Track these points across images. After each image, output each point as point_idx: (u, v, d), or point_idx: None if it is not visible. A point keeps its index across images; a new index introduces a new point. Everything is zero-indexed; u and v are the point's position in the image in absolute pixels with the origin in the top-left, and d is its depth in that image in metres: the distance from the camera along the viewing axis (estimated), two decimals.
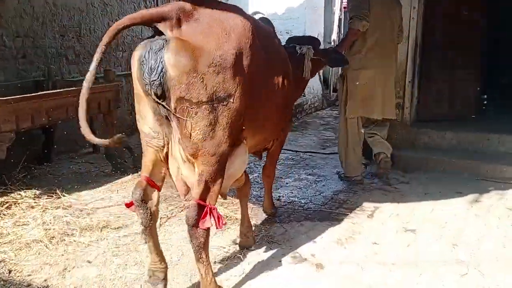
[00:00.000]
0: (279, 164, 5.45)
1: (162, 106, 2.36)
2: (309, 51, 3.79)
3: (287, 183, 5.02)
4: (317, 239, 3.69)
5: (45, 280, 3.05)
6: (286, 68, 3.30)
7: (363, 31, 4.53)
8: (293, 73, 3.49)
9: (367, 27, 4.51)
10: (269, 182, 4.02)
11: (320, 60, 3.99)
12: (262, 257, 3.37)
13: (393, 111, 4.98)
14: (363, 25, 4.48)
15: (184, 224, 2.91)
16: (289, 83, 3.28)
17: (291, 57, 3.53)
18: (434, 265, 3.27)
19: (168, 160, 2.65)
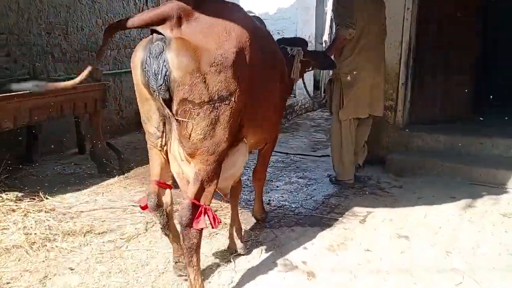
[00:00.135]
0: (270, 167, 5.34)
1: (168, 110, 2.35)
2: (299, 53, 3.75)
3: (277, 187, 4.91)
4: (308, 245, 3.58)
5: None
6: (283, 68, 3.31)
7: (349, 38, 4.54)
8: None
9: (353, 35, 4.52)
10: (260, 185, 3.91)
11: (308, 62, 3.95)
12: (252, 264, 3.26)
13: (380, 109, 4.96)
14: (349, 33, 4.50)
15: None
16: (285, 83, 3.31)
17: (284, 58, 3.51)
18: (428, 273, 3.17)
19: (169, 159, 2.65)
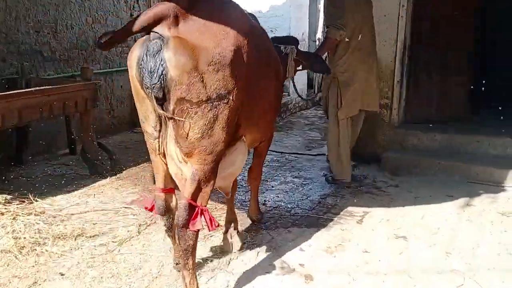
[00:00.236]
0: (264, 166, 5.23)
1: (161, 109, 2.33)
2: (292, 51, 3.71)
3: (272, 187, 4.83)
4: (305, 247, 3.51)
5: None
6: (277, 65, 3.28)
7: (340, 40, 4.52)
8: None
9: (344, 36, 4.50)
10: (255, 185, 3.83)
11: (299, 61, 3.90)
12: (248, 267, 3.18)
13: (376, 104, 4.96)
14: (340, 34, 4.48)
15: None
16: (280, 80, 3.30)
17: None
18: (428, 274, 3.11)
19: (167, 160, 2.61)
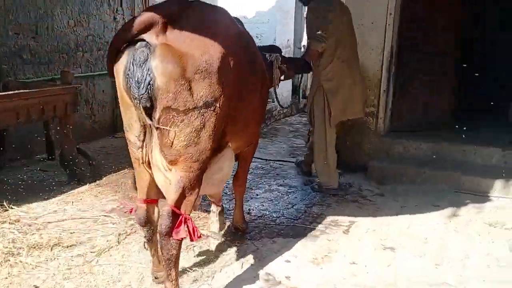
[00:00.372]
0: (249, 174, 5.13)
1: (148, 118, 2.29)
2: (277, 59, 3.68)
3: (257, 195, 4.73)
4: (291, 258, 3.40)
5: None
6: (264, 72, 3.24)
7: (321, 51, 4.54)
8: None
9: (325, 47, 4.52)
10: (241, 192, 3.74)
11: (282, 70, 3.86)
12: (232, 280, 3.07)
13: (361, 110, 4.98)
14: (321, 46, 4.50)
15: None
16: (266, 87, 3.28)
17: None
18: (418, 287, 3.03)
19: (152, 170, 2.54)
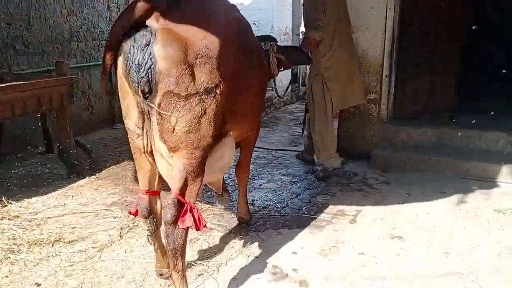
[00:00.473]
0: (251, 164, 5.06)
1: (147, 104, 2.25)
2: (273, 47, 3.59)
3: (260, 185, 4.64)
4: (298, 249, 3.33)
5: None
6: (262, 59, 3.24)
7: (318, 40, 4.56)
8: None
9: (322, 36, 4.54)
10: (244, 180, 3.68)
11: (280, 60, 3.74)
12: (238, 273, 2.99)
13: (362, 96, 5.10)
14: (319, 35, 4.52)
15: None
16: (264, 73, 3.28)
17: None
18: (428, 278, 2.97)
19: (154, 158, 2.49)
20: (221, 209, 3.90)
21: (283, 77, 8.57)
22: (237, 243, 3.40)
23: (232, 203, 4.12)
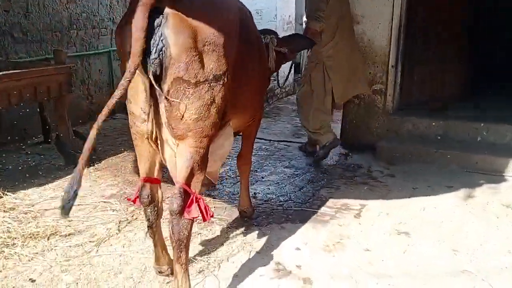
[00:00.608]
0: (253, 156, 4.95)
1: (157, 87, 2.18)
2: (272, 40, 3.51)
3: (262, 178, 4.54)
4: (301, 245, 3.23)
5: None
6: (262, 50, 3.22)
7: (319, 31, 4.63)
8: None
9: (323, 27, 4.62)
10: (246, 171, 3.59)
11: (281, 52, 3.66)
12: (240, 271, 2.89)
13: (365, 86, 5.12)
14: (320, 26, 4.61)
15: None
16: (265, 63, 3.25)
17: None
18: (436, 276, 2.87)
19: (159, 145, 2.44)
20: (220, 201, 3.80)
21: (285, 67, 8.48)
22: (238, 238, 3.30)
23: (234, 196, 4.02)
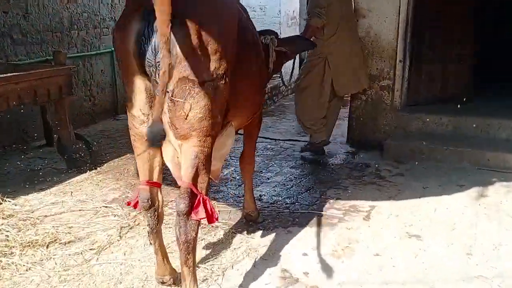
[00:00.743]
0: (258, 156, 4.86)
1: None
2: (273, 41, 3.44)
3: (268, 178, 4.42)
4: (309, 250, 3.11)
5: None
6: (259, 50, 3.16)
7: (320, 27, 4.69)
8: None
9: (323, 23, 4.67)
10: (249, 171, 3.49)
11: (282, 52, 3.59)
12: (245, 279, 2.78)
13: (366, 80, 5.14)
14: (321, 22, 4.66)
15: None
16: (262, 61, 3.18)
17: None
18: (450, 282, 2.74)
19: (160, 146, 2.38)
20: (225, 204, 3.70)
21: (288, 64, 8.35)
22: (243, 244, 3.19)
23: (239, 198, 3.92)
